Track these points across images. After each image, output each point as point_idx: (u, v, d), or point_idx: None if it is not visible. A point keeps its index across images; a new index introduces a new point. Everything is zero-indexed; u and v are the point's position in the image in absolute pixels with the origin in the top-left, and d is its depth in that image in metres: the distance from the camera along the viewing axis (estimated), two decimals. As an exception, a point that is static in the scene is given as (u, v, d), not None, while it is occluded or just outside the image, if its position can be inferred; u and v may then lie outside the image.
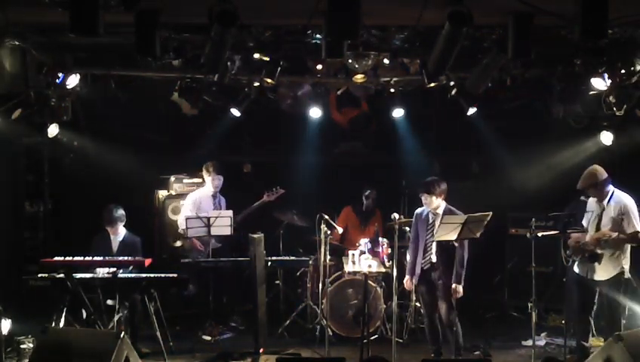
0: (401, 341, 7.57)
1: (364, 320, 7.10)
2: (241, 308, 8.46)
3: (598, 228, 6.68)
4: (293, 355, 7.15)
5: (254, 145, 9.84)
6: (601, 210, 6.69)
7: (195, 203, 8.37)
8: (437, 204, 6.84)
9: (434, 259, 6.84)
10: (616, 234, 6.50)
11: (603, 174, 6.67)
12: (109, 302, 7.08)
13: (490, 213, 6.39)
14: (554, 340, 7.78)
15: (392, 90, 7.83)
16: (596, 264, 6.63)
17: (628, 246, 6.62)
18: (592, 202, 6.85)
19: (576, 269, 6.90)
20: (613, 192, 6.66)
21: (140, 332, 7.22)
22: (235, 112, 7.99)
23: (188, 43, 6.46)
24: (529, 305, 6.82)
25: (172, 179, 9.08)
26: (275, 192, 8.43)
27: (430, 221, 6.91)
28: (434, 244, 6.82)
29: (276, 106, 8.10)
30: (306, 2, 5.06)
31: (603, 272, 6.64)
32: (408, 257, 7.19)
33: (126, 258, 7.16)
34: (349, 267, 7.63)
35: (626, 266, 6.60)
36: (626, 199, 6.62)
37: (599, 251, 6.60)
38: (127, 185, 8.54)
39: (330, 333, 7.50)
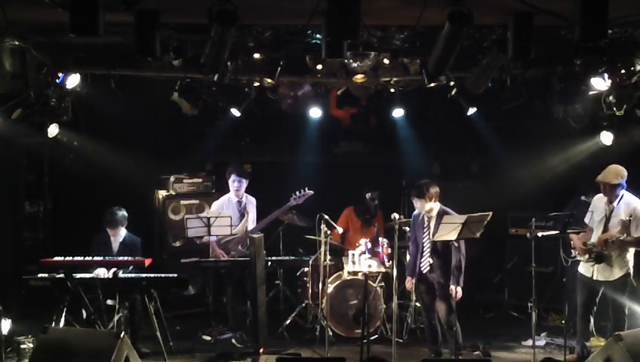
0: (401, 341, 7.56)
1: (364, 320, 7.10)
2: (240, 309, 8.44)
3: (605, 229, 6.66)
4: (293, 355, 7.14)
5: (254, 145, 9.84)
6: (610, 211, 6.67)
7: (217, 210, 8.09)
8: (429, 207, 6.80)
9: (432, 260, 6.84)
10: (624, 236, 6.50)
11: (625, 177, 6.63)
12: (109, 302, 7.08)
13: (490, 213, 6.37)
14: (554, 340, 7.76)
15: (392, 90, 7.83)
16: (603, 265, 6.61)
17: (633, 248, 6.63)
18: (598, 202, 6.81)
19: (580, 270, 6.87)
20: (622, 194, 6.64)
21: (140, 332, 7.21)
22: (235, 112, 7.98)
23: (188, 43, 6.46)
24: (529, 305, 6.82)
25: (172, 179, 9.05)
26: (302, 195, 7.95)
27: (425, 223, 6.89)
28: (429, 246, 6.82)
29: (276, 106, 8.10)
30: (306, 2, 5.05)
31: (609, 273, 6.63)
32: (408, 258, 7.20)
33: (126, 258, 7.17)
34: (349, 267, 7.63)
35: (632, 268, 6.61)
36: (636, 202, 6.60)
37: (606, 252, 6.59)
38: (127, 185, 8.51)
39: (330, 333, 7.50)
